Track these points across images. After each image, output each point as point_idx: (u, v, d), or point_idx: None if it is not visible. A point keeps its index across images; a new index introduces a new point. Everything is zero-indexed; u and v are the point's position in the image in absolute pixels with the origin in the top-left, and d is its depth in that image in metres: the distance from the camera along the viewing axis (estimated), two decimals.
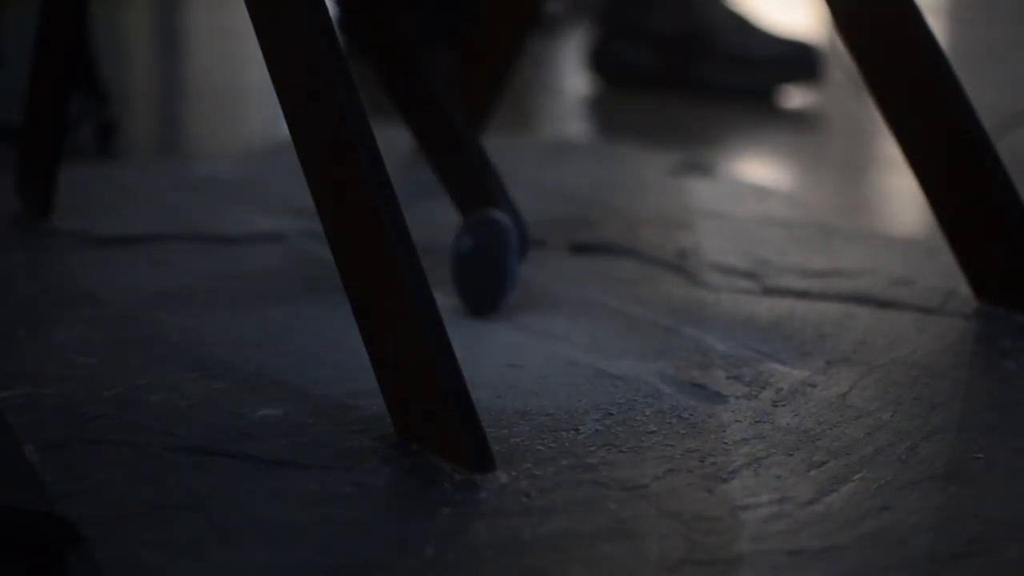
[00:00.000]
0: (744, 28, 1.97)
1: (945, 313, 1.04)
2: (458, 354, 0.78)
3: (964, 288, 1.07)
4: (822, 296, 1.07)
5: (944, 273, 1.11)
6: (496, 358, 0.93)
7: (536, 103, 1.98)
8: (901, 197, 1.49)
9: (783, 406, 0.87)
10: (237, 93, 1.99)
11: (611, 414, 0.85)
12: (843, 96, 1.94)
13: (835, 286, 1.09)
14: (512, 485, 0.76)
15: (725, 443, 0.82)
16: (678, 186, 1.40)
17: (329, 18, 0.81)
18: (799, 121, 1.86)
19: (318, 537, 0.70)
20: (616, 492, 0.76)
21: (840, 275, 1.12)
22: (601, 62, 2.03)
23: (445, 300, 0.98)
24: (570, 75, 2.19)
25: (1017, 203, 1.00)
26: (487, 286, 1.01)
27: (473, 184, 1.08)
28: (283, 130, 0.87)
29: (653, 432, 0.83)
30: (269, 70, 0.85)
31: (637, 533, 0.72)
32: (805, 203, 1.39)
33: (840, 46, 1.16)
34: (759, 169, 1.65)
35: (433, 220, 1.23)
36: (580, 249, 1.18)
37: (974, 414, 0.87)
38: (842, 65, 1.95)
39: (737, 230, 1.24)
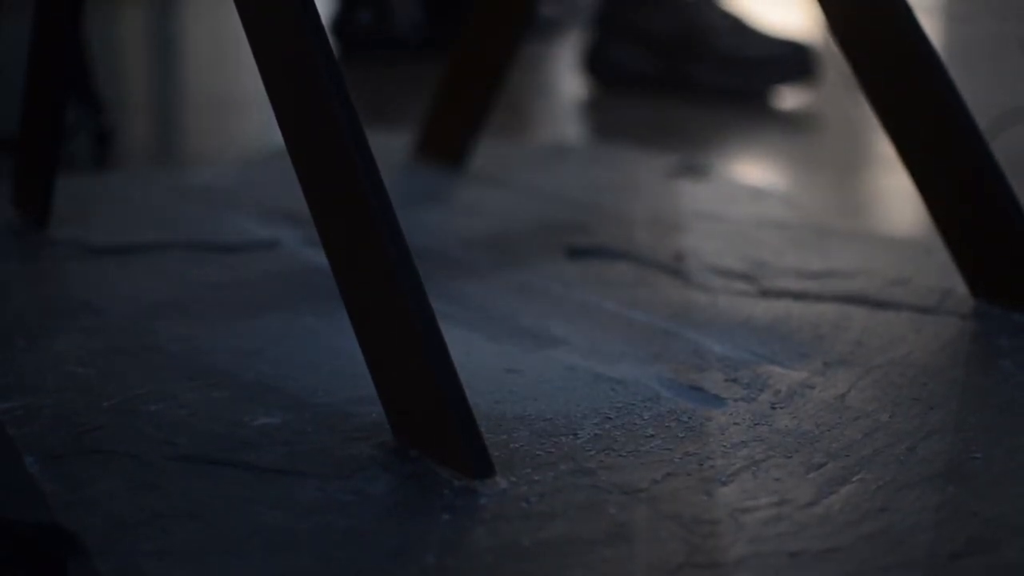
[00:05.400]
0: (738, 29, 1.97)
1: (942, 313, 1.04)
2: (456, 360, 0.78)
3: (960, 287, 1.07)
4: (819, 297, 1.07)
5: (940, 272, 1.11)
6: (494, 363, 0.93)
7: (531, 106, 1.98)
8: (896, 197, 1.49)
9: (781, 408, 0.87)
10: (232, 101, 1.99)
11: (610, 418, 0.85)
12: (838, 96, 1.94)
13: (832, 287, 1.09)
14: (512, 490, 0.76)
15: (724, 446, 0.82)
16: (674, 188, 1.40)
17: (321, 23, 0.81)
18: (794, 122, 1.87)
19: (318, 545, 0.70)
20: (615, 496, 0.76)
21: (836, 276, 1.12)
22: (596, 64, 2.03)
23: (442, 306, 0.98)
24: (565, 78, 2.19)
25: (1012, 201, 1.00)
26: None
27: None
28: (278, 137, 0.87)
29: (652, 436, 0.83)
30: (262, 77, 0.85)
31: (636, 537, 0.72)
32: (801, 204, 1.39)
33: (834, 46, 1.16)
34: (755, 170, 1.65)
35: (429, 225, 1.24)
36: (576, 253, 1.18)
37: (972, 414, 0.87)
38: (836, 65, 1.95)
39: (733, 232, 1.24)
